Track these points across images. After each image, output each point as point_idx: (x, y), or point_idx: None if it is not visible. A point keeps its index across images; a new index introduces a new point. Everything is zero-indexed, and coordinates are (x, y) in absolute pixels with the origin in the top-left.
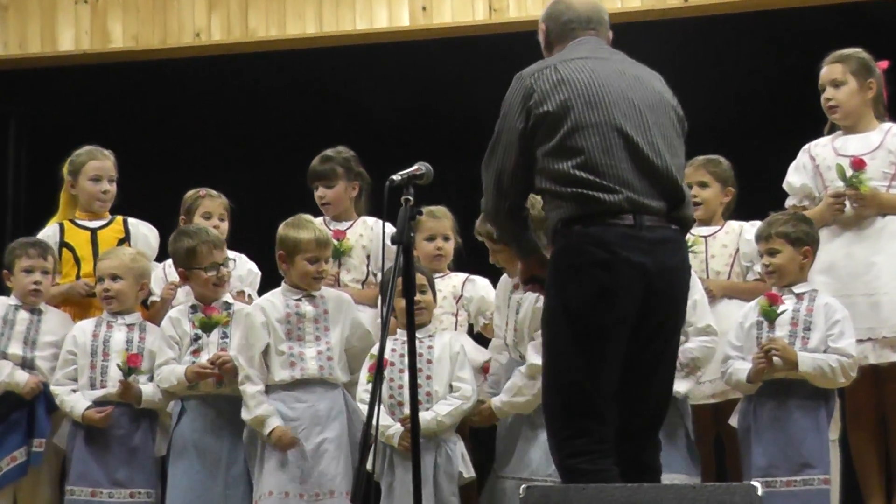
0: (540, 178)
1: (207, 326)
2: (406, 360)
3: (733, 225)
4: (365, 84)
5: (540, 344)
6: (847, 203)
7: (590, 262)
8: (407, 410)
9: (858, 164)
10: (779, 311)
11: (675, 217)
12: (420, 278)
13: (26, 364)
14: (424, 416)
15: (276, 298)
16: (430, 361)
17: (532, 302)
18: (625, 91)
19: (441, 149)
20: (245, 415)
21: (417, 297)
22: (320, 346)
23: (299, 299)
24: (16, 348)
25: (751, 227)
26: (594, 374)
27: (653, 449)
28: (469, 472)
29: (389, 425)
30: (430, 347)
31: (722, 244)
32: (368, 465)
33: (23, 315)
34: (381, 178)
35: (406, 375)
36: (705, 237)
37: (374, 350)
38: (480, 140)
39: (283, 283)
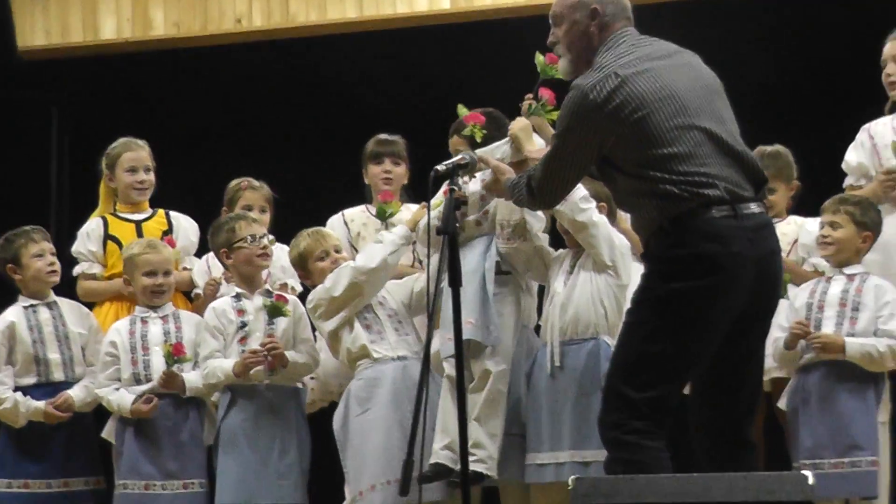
0: (629, 181)
1: (275, 311)
2: None
3: (796, 218)
4: (404, 69)
5: None
6: None
7: (702, 255)
8: None
9: None
10: None
11: (762, 199)
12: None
13: (65, 363)
14: None
15: None
16: None
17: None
18: (687, 84)
19: None
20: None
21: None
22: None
23: None
24: (53, 352)
25: (813, 221)
26: (689, 367)
27: (747, 451)
28: None
29: None
30: None
31: (782, 233)
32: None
33: (44, 314)
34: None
35: None
36: None
37: None
38: None
39: None
